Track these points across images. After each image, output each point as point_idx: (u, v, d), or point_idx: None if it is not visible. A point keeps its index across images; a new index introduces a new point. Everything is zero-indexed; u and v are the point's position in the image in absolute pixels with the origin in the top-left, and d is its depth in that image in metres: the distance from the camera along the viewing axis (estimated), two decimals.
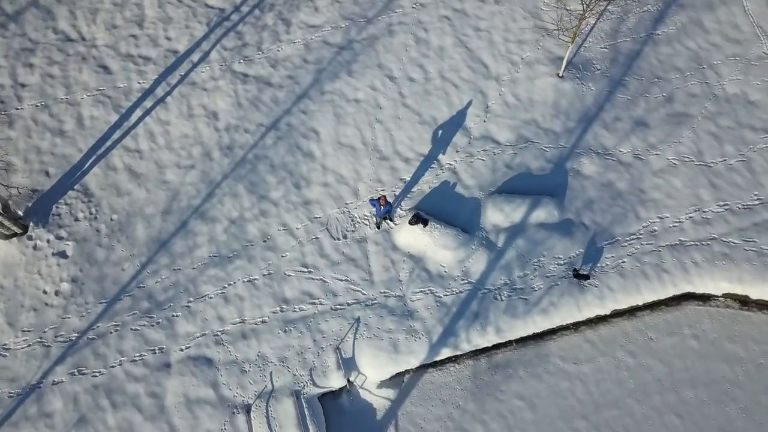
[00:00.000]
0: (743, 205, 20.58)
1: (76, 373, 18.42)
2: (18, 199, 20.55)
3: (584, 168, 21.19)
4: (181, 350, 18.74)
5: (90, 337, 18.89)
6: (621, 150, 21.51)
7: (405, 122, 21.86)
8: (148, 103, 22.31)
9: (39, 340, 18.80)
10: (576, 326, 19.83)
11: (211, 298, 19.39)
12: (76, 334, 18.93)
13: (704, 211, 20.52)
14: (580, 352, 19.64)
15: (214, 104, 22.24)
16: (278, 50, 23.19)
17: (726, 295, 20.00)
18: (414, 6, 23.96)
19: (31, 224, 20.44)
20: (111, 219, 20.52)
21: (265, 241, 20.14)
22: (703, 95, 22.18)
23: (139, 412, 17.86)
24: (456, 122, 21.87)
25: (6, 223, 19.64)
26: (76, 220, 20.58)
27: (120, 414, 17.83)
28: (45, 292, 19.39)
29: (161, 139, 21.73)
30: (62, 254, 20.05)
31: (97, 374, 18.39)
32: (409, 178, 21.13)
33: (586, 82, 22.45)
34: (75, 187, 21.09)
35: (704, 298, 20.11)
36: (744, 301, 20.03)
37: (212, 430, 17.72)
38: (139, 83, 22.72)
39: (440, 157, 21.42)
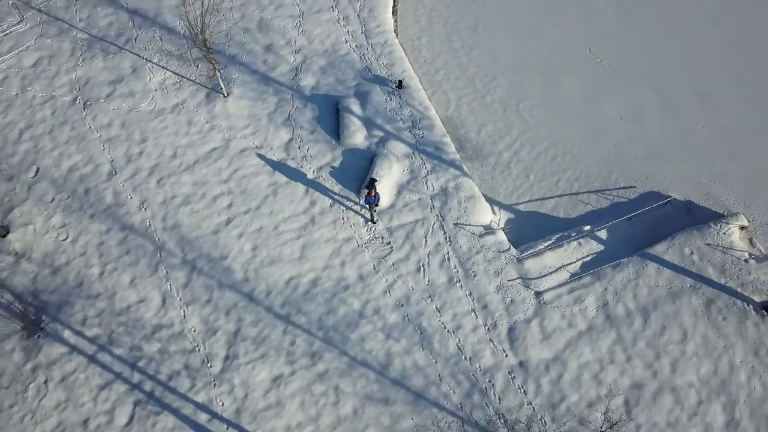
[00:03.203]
0: None
1: None
2: None
3: (308, 81, 26.32)
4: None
5: None
6: (309, 45, 26.82)
7: (274, 218, 23.48)
8: None
9: None
10: None
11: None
12: None
13: None
14: None
15: (252, 384, 20.65)
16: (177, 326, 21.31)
17: None
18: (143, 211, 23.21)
19: None
20: None
21: (412, 323, 22.02)
22: None
23: None
24: (277, 166, 24.25)
25: None
26: None
27: None
28: None
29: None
30: None
31: None
32: (331, 202, 23.89)
33: (233, 71, 26.13)
34: None
35: None
36: None
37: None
38: None
39: (309, 178, 24.27)
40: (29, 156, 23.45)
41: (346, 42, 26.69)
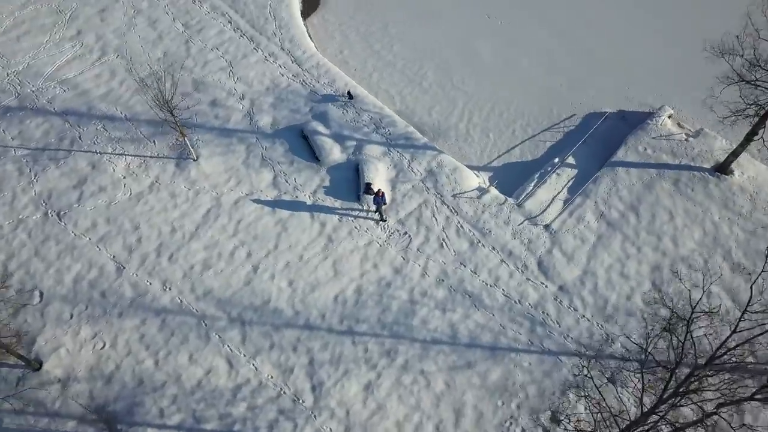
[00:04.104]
0: None
1: None
2: None
3: (265, 120, 27.50)
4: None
5: None
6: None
7: (305, 268, 24.52)
8: None
9: None
10: None
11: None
12: None
13: None
14: None
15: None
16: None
17: None
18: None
19: None
20: None
21: (468, 295, 23.97)
22: None
23: None
24: (275, 205, 25.20)
25: None
26: None
27: None
28: None
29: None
30: None
31: None
32: (339, 218, 25.31)
33: (192, 134, 26.73)
34: None
35: None
36: None
37: None
38: None
39: (309, 204, 25.51)
40: (26, 284, 22.60)
41: (282, 75, 28.03)
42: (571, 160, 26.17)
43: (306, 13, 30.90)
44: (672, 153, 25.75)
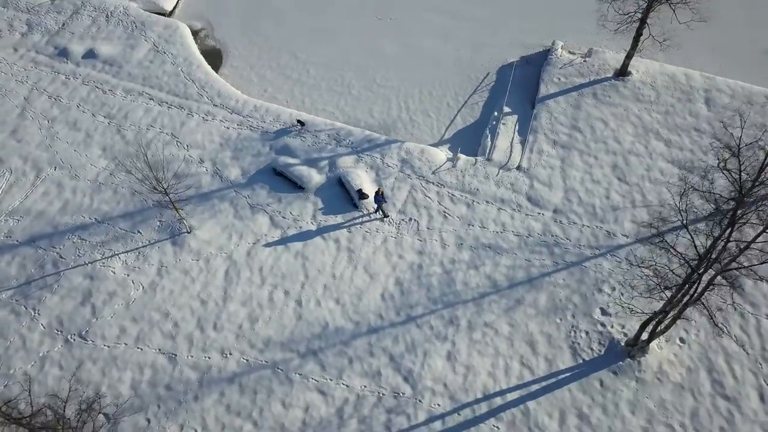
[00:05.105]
0: None
1: None
2: None
3: (234, 173, 28.45)
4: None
5: None
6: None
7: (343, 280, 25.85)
8: None
9: None
10: None
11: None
12: None
13: None
14: None
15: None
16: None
17: None
18: None
19: None
20: None
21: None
22: None
23: None
24: (286, 241, 26.28)
25: None
26: None
27: None
28: None
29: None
30: None
31: None
32: (348, 229, 27.02)
33: (172, 211, 26.99)
34: None
35: None
36: None
37: None
38: None
39: (315, 230, 26.96)
40: (80, 409, 21.87)
41: (228, 128, 29.02)
42: (507, 109, 29.82)
43: (214, 67, 31.81)
44: (580, 74, 30.33)
